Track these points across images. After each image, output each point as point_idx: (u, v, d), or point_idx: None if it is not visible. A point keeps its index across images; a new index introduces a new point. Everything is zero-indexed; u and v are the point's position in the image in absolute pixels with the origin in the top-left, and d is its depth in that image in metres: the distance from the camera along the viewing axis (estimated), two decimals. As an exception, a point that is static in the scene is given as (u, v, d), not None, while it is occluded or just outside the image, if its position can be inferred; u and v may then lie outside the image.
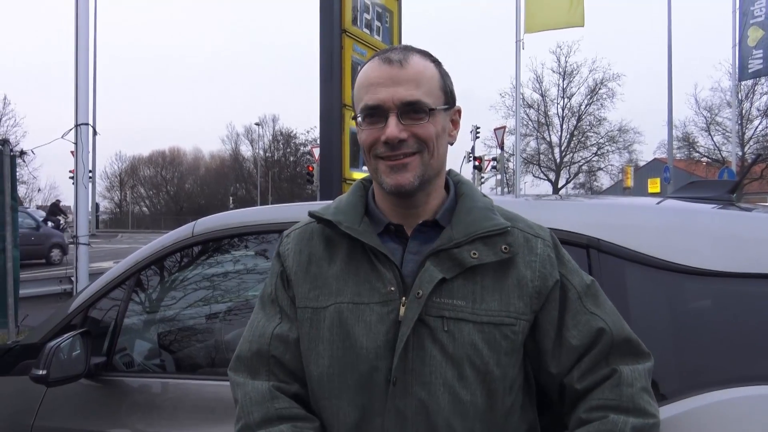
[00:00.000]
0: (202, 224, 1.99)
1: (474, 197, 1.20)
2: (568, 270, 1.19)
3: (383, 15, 6.37)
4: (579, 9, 11.89)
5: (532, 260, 1.15)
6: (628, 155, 37.24)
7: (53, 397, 1.98)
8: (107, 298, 2.06)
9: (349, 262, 1.15)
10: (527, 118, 36.43)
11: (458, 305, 1.09)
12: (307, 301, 1.16)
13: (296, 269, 1.19)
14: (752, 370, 1.23)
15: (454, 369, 1.07)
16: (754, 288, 1.29)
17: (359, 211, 1.19)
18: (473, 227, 1.13)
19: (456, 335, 1.08)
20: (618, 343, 1.14)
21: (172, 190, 62.75)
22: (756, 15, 16.46)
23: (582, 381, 1.13)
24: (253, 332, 1.21)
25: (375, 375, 1.08)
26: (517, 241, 1.15)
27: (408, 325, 1.07)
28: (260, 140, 57.08)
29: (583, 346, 1.13)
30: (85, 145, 5.12)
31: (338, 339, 1.11)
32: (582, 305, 1.15)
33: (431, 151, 1.13)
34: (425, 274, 1.10)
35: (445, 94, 1.17)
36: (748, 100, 30.10)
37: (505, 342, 1.10)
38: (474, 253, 1.10)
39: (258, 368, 1.17)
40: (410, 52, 1.15)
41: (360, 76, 1.17)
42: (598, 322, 1.14)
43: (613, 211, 1.60)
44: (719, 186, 1.74)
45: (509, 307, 1.11)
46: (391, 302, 1.10)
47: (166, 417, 1.80)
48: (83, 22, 5.22)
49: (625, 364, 1.12)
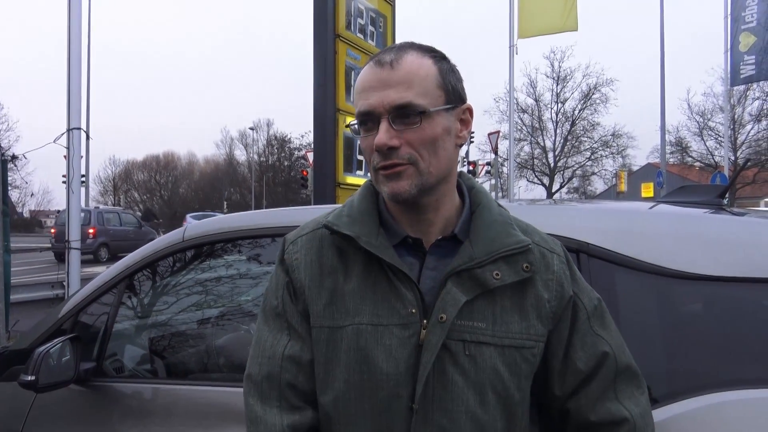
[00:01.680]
0: (193, 229, 1.98)
1: (492, 209, 1.14)
2: (580, 288, 1.14)
3: (377, 20, 6.39)
4: (572, 14, 11.98)
5: (550, 279, 1.10)
6: (622, 160, 37.44)
7: (42, 403, 1.97)
8: (97, 303, 2.05)
9: (365, 277, 1.07)
10: (521, 122, 36.54)
11: (478, 327, 1.04)
12: (322, 320, 1.08)
13: (309, 283, 1.11)
14: (742, 374, 1.23)
15: (476, 395, 1.02)
16: (745, 292, 1.30)
17: (374, 221, 1.11)
18: (495, 245, 1.07)
19: (478, 359, 1.03)
20: (621, 369, 1.11)
21: (166, 195, 62.56)
22: (747, 21, 16.57)
23: (596, 413, 1.10)
24: (262, 351, 1.13)
25: (395, 402, 1.03)
26: (536, 258, 1.10)
27: (432, 351, 1.02)
28: (255, 145, 57.14)
29: (588, 369, 1.10)
30: (78, 149, 5.11)
31: (355, 363, 1.04)
32: (590, 326, 1.12)
33: (428, 157, 1.05)
34: (448, 296, 1.04)
35: (446, 92, 1.08)
36: (740, 105, 30.34)
37: (525, 365, 1.06)
38: (497, 274, 1.05)
39: (269, 393, 1.10)
40: (405, 51, 1.07)
41: (357, 81, 1.11)
42: (604, 345, 1.11)
43: (603, 216, 1.60)
44: (710, 190, 1.75)
45: (530, 330, 1.07)
46: (411, 325, 1.04)
47: (158, 423, 1.79)
48: (75, 25, 5.21)
49: (632, 398, 1.10)
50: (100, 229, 20.19)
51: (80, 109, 5.24)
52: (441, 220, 1.12)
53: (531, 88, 37.04)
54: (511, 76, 14.02)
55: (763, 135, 30.09)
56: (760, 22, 16.23)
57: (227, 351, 2.03)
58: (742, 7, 16.68)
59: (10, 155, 6.19)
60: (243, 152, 60.52)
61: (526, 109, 37.13)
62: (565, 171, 38.30)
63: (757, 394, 1.20)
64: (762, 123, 29.83)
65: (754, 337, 1.26)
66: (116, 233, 20.90)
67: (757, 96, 29.16)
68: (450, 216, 1.13)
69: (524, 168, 37.49)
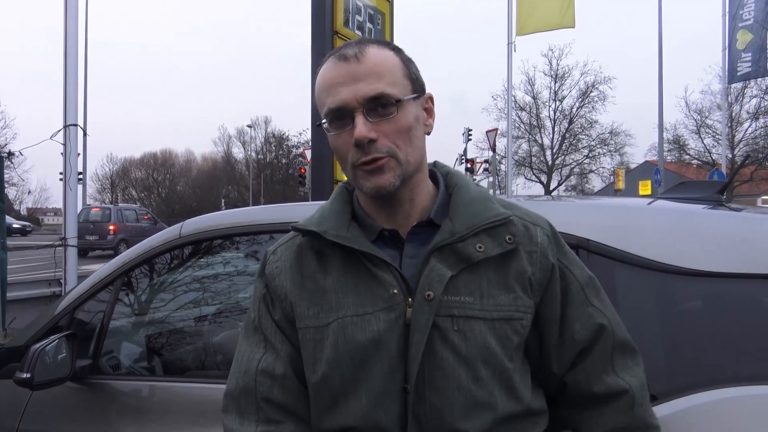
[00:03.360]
0: (190, 225, 1.97)
1: (469, 187, 1.14)
2: (570, 260, 1.14)
3: (375, 17, 6.37)
4: (570, 10, 12.02)
5: (533, 251, 1.09)
6: (620, 158, 37.44)
7: (38, 401, 1.96)
8: (94, 300, 2.04)
9: (344, 273, 1.07)
10: (519, 120, 36.54)
11: (466, 302, 1.03)
12: (307, 320, 1.08)
13: (290, 286, 1.11)
14: (743, 370, 1.23)
15: (468, 371, 1.01)
16: (744, 288, 1.29)
17: (345, 217, 1.12)
18: (476, 218, 1.07)
19: (468, 335, 1.02)
20: (619, 343, 1.11)
21: (163, 192, 62.47)
22: (745, 18, 16.60)
23: (597, 388, 1.09)
24: (239, 366, 1.13)
25: (390, 386, 1.02)
26: (519, 231, 1.09)
27: (423, 331, 1.01)
28: (252, 142, 57.07)
29: (585, 341, 1.10)
30: (74, 146, 5.09)
31: (346, 356, 1.03)
32: (585, 297, 1.12)
33: (405, 147, 1.06)
34: (432, 273, 1.03)
35: (411, 81, 1.09)
36: (738, 103, 30.35)
37: (516, 337, 1.05)
38: (480, 247, 1.05)
39: (246, 407, 1.09)
40: (365, 45, 1.07)
41: (318, 79, 1.09)
42: (600, 317, 1.11)
43: (603, 212, 1.59)
44: (709, 187, 1.74)
45: (517, 301, 1.06)
46: (396, 306, 1.03)
47: (154, 420, 1.78)
48: (72, 21, 5.19)
49: (629, 370, 1.10)
50: (119, 226, 21.03)
51: (77, 106, 5.22)
52: (417, 210, 1.12)
53: (529, 86, 37.02)
54: (509, 73, 14.04)
55: (761, 133, 30.13)
56: (757, 20, 16.27)
57: (224, 348, 2.02)
58: (740, 4, 16.71)
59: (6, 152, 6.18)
60: (241, 150, 60.50)
61: (524, 106, 37.12)
62: (563, 169, 38.29)
63: (757, 391, 1.19)
64: (759, 121, 29.87)
65: (755, 333, 1.26)
66: (134, 229, 21.79)
67: (754, 94, 29.20)
68: (425, 205, 1.13)
69: (522, 166, 37.50)
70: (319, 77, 1.10)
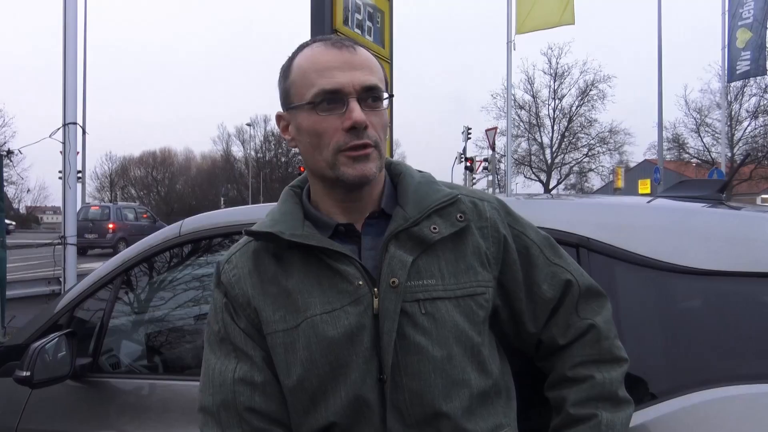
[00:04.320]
0: (190, 223, 1.97)
1: (413, 174, 1.16)
2: (523, 226, 1.18)
3: (374, 15, 6.36)
4: (569, 8, 11.99)
5: (484, 226, 1.12)
6: (619, 156, 37.47)
7: (38, 399, 1.96)
8: (93, 299, 2.04)
9: (307, 272, 1.06)
10: (518, 119, 36.53)
11: (430, 284, 1.05)
12: (274, 325, 1.06)
13: (253, 291, 1.08)
14: (743, 369, 1.23)
15: (441, 351, 1.03)
16: (744, 287, 1.29)
17: (297, 216, 1.11)
18: (425, 202, 1.09)
19: (436, 316, 1.04)
20: (584, 292, 1.16)
21: (163, 191, 62.41)
22: (744, 17, 16.58)
23: (565, 336, 1.14)
24: (211, 380, 1.09)
25: (368, 377, 1.02)
26: (468, 208, 1.12)
27: (393, 318, 1.01)
28: (252, 141, 57.07)
29: (555, 298, 1.14)
30: (74, 144, 5.08)
31: (320, 356, 1.03)
32: (546, 259, 1.16)
33: (383, 141, 1.08)
34: (393, 260, 1.04)
35: (386, 84, 1.12)
36: (737, 102, 30.38)
37: (481, 311, 1.08)
38: (434, 228, 1.07)
39: (228, 421, 1.06)
40: (352, 40, 1.11)
41: (303, 60, 1.08)
42: (565, 273, 1.15)
43: (603, 210, 1.59)
44: (709, 185, 1.74)
45: (477, 276, 1.08)
46: (363, 298, 1.03)
47: (154, 419, 1.78)
48: (71, 19, 5.17)
49: (593, 311, 1.15)
50: (119, 225, 20.95)
51: (76, 104, 5.21)
52: (371, 202, 1.13)
53: (528, 85, 37.02)
54: (509, 72, 14.01)
55: (760, 131, 30.15)
56: (757, 18, 16.26)
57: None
58: (739, 3, 16.70)
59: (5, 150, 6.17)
60: (240, 148, 60.45)
61: (523, 105, 37.13)
62: (563, 167, 38.33)
63: (758, 389, 1.19)
64: (759, 119, 29.90)
65: (754, 332, 1.26)
66: (134, 228, 21.77)
67: (754, 92, 29.24)
68: (377, 197, 1.14)
69: (521, 164, 37.52)
70: (304, 59, 1.09)
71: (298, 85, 1.08)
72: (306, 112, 1.07)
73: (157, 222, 23.22)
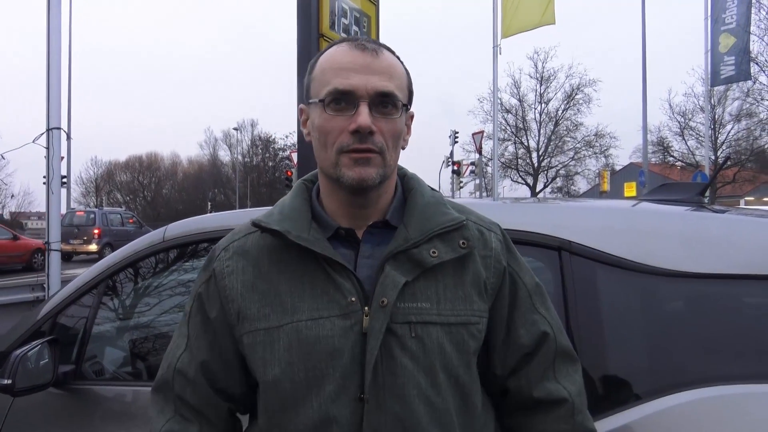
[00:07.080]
0: (174, 229, 1.95)
1: (424, 192, 1.14)
2: (519, 266, 1.16)
3: (361, 20, 6.37)
4: (550, 8, 12.30)
5: (488, 255, 1.11)
6: (605, 160, 37.66)
7: (21, 407, 1.93)
8: (77, 305, 2.02)
9: (302, 274, 1.06)
10: (505, 122, 36.66)
11: (423, 308, 1.03)
12: (256, 323, 1.05)
13: (242, 290, 1.08)
14: (724, 369, 1.25)
15: (426, 377, 1.01)
16: (725, 289, 1.31)
17: (306, 216, 1.10)
18: (429, 224, 1.07)
19: (425, 340, 1.02)
20: (560, 350, 1.14)
21: (149, 196, 61.95)
22: (727, 22, 16.78)
23: (538, 390, 1.12)
24: (167, 356, 1.17)
25: (343, 394, 1.00)
26: (473, 235, 1.11)
27: (377, 337, 1.00)
28: (239, 145, 56.79)
29: (528, 346, 1.12)
30: (57, 149, 5.03)
31: (298, 361, 1.02)
32: (532, 304, 1.14)
33: (392, 150, 1.07)
34: (387, 279, 1.03)
35: (409, 93, 1.11)
36: (721, 106, 30.66)
37: (472, 342, 1.06)
38: (434, 252, 1.05)
39: (167, 397, 1.16)
40: (381, 45, 1.09)
41: (326, 58, 1.08)
42: (545, 325, 1.13)
43: (585, 214, 1.60)
44: (690, 188, 1.76)
45: (473, 306, 1.07)
46: (353, 314, 1.02)
47: (139, 426, 1.76)
48: (55, 23, 5.13)
49: (570, 378, 1.13)
50: (104, 230, 20.71)
51: (60, 109, 5.16)
52: (377, 211, 1.12)
53: (515, 89, 37.15)
54: (495, 76, 14.08)
55: (743, 135, 30.50)
56: (739, 24, 16.46)
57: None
58: (722, 8, 16.90)
59: (-12, 156, 6.10)
60: (227, 153, 60.19)
61: (510, 109, 37.25)
62: (549, 171, 38.49)
63: (739, 390, 1.21)
64: (741, 123, 30.23)
65: (736, 333, 1.27)
66: (119, 233, 21.44)
67: (736, 96, 29.52)
68: (385, 207, 1.13)
69: (508, 168, 37.63)
70: (327, 57, 1.09)
71: (317, 81, 1.08)
72: (319, 108, 1.07)
73: (144, 227, 23.11)
